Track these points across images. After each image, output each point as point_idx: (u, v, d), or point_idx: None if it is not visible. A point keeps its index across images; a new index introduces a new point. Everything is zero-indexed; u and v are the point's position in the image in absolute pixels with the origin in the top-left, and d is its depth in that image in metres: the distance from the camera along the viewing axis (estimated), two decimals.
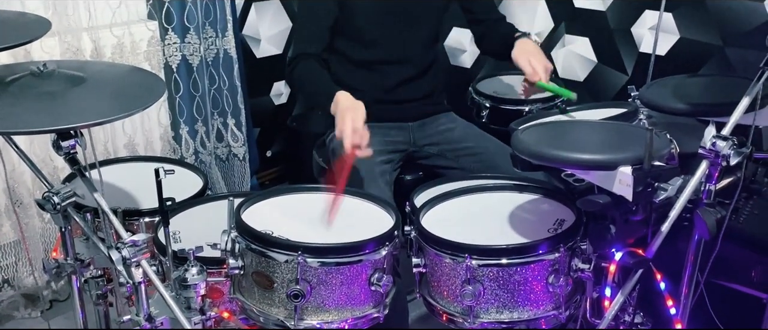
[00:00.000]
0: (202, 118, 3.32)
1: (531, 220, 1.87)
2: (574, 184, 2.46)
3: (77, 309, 2.02)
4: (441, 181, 2.30)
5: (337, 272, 1.69)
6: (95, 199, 1.75)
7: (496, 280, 1.69)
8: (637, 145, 1.55)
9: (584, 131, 1.73)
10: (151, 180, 1.80)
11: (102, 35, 2.93)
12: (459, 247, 1.71)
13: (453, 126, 2.61)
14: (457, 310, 1.77)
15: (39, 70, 1.79)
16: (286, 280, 1.69)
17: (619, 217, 1.55)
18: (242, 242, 1.74)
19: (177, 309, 1.73)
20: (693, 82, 2.09)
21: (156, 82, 1.90)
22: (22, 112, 1.65)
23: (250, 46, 3.62)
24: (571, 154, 1.54)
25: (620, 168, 1.49)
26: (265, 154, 3.84)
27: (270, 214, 1.90)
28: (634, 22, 3.03)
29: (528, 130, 1.72)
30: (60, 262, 1.94)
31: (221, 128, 3.41)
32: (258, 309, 1.77)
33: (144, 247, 1.70)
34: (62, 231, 1.87)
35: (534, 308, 1.73)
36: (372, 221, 1.88)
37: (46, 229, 2.94)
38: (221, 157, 3.47)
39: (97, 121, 1.67)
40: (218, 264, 1.89)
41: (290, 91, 3.88)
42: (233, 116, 3.40)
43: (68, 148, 1.74)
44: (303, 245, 1.67)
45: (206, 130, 3.35)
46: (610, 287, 1.62)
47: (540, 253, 1.69)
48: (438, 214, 1.94)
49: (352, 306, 1.74)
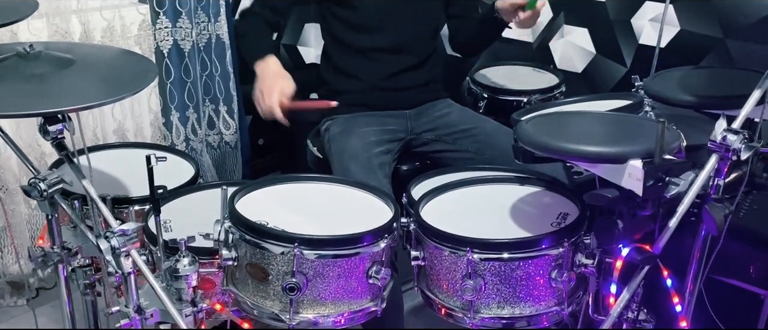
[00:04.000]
0: (194, 105, 3.25)
1: (533, 214, 1.82)
2: (573, 176, 2.43)
3: (64, 298, 1.96)
4: (438, 172, 2.25)
5: (334, 265, 1.64)
6: (83, 186, 1.69)
7: (498, 275, 1.64)
8: (646, 137, 1.50)
9: (590, 123, 1.68)
10: (141, 167, 1.75)
11: (91, 18, 2.86)
12: (460, 240, 1.65)
13: (449, 110, 2.58)
14: (457, 305, 1.72)
15: (25, 51, 1.73)
16: (281, 273, 1.64)
17: (627, 212, 1.51)
18: (236, 233, 1.69)
19: (168, 300, 1.68)
20: (698, 73, 2.05)
21: (147, 66, 1.85)
22: (7, 94, 1.60)
23: None
24: (578, 146, 1.49)
25: (630, 161, 1.44)
26: (257, 142, 3.77)
27: (264, 203, 1.84)
28: (634, 13, 2.99)
29: (532, 121, 1.67)
30: (46, 251, 1.88)
31: (213, 115, 3.35)
32: (252, 301, 1.72)
33: (134, 237, 1.64)
34: (49, 219, 1.81)
35: (536, 304, 1.68)
36: (369, 212, 1.83)
37: (33, 216, 2.87)
38: (213, 145, 3.40)
39: (86, 105, 1.61)
40: (210, 254, 1.84)
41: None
42: (225, 103, 3.33)
43: (56, 132, 1.69)
44: (299, 237, 1.61)
45: (197, 117, 3.28)
46: (615, 284, 1.57)
47: (543, 247, 1.64)
48: (437, 206, 1.89)
49: (349, 299, 1.69)
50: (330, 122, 2.54)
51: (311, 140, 2.70)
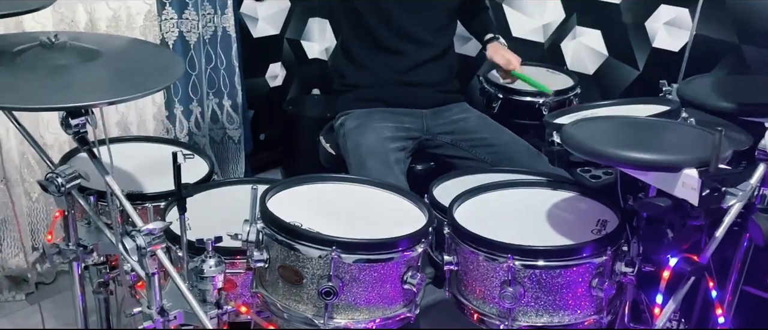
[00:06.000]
0: (198, 98, 3.18)
1: (570, 220, 1.78)
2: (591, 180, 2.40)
3: (77, 296, 1.90)
4: (459, 173, 2.21)
5: (371, 269, 1.59)
6: (107, 183, 1.62)
7: (538, 282, 1.60)
8: (699, 145, 1.47)
9: (638, 129, 1.63)
10: (152, 162, 1.67)
11: (97, 7, 2.79)
12: (501, 246, 1.61)
13: (467, 116, 2.55)
14: (493, 311, 1.68)
15: (50, 42, 1.66)
16: (316, 276, 1.58)
17: (678, 222, 1.47)
18: (269, 234, 1.63)
19: (195, 303, 1.62)
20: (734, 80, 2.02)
21: (173, 60, 1.80)
22: (31, 86, 1.53)
23: (247, 24, 3.48)
24: (632, 154, 1.44)
25: (685, 170, 1.40)
26: (258, 137, 3.70)
27: (292, 204, 1.78)
28: (648, 16, 2.96)
29: (578, 126, 1.63)
30: (61, 247, 1.81)
31: (216, 109, 3.28)
32: (282, 304, 1.66)
33: (161, 236, 1.58)
34: (66, 214, 1.75)
35: (574, 312, 1.64)
36: (398, 215, 1.79)
37: (33, 209, 2.80)
38: (215, 139, 3.34)
39: (113, 100, 1.56)
40: (231, 254, 1.78)
41: (286, 74, 3.76)
42: (229, 97, 3.27)
43: (78, 126, 1.62)
44: (337, 240, 1.56)
45: (201, 111, 3.21)
46: (662, 294, 1.53)
47: (585, 255, 1.60)
48: (469, 209, 1.84)
49: (383, 305, 1.64)
50: (344, 117, 2.49)
51: (324, 136, 2.65)
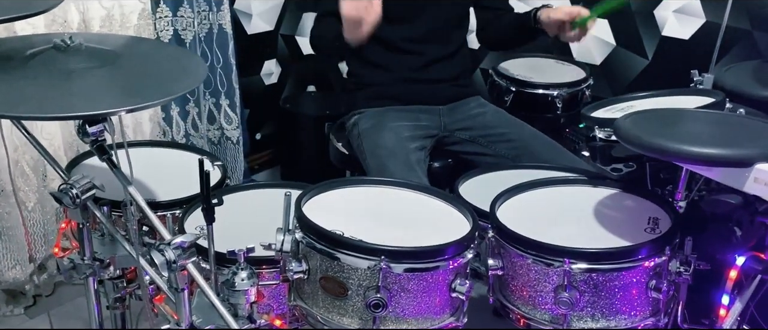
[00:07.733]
0: (194, 99, 3.06)
1: (620, 219, 1.70)
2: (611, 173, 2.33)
3: (93, 313, 1.79)
4: (482, 170, 2.14)
5: (420, 278, 1.50)
6: (130, 194, 1.52)
7: (595, 286, 1.53)
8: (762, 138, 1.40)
9: (697, 122, 1.56)
10: (159, 167, 1.57)
11: (90, 6, 2.67)
12: (556, 250, 1.53)
13: (483, 110, 2.47)
14: (545, 318, 1.59)
15: (64, 44, 1.55)
16: (363, 287, 1.49)
17: (746, 219, 1.40)
18: (308, 243, 1.53)
19: (231, 318, 1.52)
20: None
21: (194, 62, 1.69)
22: (45, 92, 1.43)
23: (241, 21, 3.37)
24: (702, 149, 1.37)
25: (757, 165, 1.33)
26: (254, 136, 3.59)
27: (325, 210, 1.68)
28: (657, 4, 2.90)
29: (631, 119, 1.55)
30: (76, 262, 1.70)
31: (213, 109, 3.16)
32: (323, 317, 1.56)
33: (191, 250, 1.47)
34: (80, 227, 1.64)
35: (631, 316, 1.57)
36: (438, 219, 1.70)
37: (29, 219, 2.66)
38: (213, 140, 3.22)
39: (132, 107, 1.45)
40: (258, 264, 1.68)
41: (281, 71, 3.65)
42: (227, 96, 3.15)
43: (96, 133, 1.51)
44: (385, 249, 1.46)
45: (198, 112, 3.09)
46: (728, 294, 1.46)
47: (642, 256, 1.52)
48: (511, 210, 1.75)
49: (431, 315, 1.55)
50: (358, 116, 2.40)
51: (334, 135, 2.55)
